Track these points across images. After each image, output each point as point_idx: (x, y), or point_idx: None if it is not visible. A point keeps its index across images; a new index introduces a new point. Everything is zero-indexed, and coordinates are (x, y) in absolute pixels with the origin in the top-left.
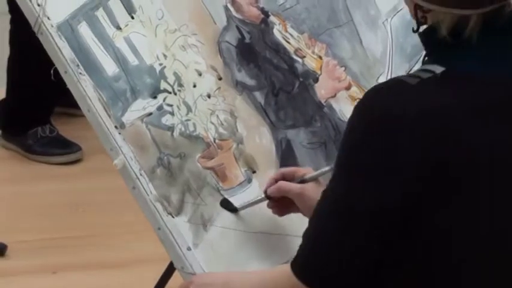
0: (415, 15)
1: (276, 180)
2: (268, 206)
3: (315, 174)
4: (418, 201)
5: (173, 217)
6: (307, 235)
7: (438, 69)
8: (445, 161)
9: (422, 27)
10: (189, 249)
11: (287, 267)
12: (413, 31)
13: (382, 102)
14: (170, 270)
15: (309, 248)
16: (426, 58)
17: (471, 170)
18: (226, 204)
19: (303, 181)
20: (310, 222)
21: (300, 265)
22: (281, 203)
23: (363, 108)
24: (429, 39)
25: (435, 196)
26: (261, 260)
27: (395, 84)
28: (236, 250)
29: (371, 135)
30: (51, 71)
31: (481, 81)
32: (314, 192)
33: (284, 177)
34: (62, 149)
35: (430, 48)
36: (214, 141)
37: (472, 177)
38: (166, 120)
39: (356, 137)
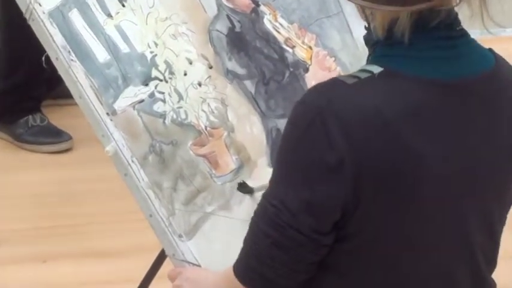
0: (363, 14)
1: None
2: None
3: None
4: (351, 197)
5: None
6: (246, 234)
7: (376, 69)
8: (374, 158)
9: None
10: (180, 236)
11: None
12: (366, 28)
13: (319, 100)
14: (161, 257)
15: (246, 248)
16: (370, 58)
17: (401, 166)
18: (243, 187)
19: None
20: (250, 222)
21: (238, 266)
22: None
23: (300, 106)
24: (367, 39)
25: (366, 192)
26: None
27: (333, 84)
28: (228, 237)
29: (307, 132)
30: (43, 58)
31: (416, 82)
32: None
33: None
34: (52, 138)
35: (369, 48)
36: (206, 129)
37: (402, 172)
38: (158, 107)
39: (294, 134)
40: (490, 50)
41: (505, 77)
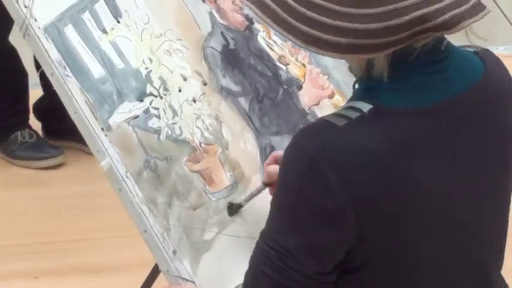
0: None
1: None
2: (270, 192)
3: None
4: (355, 239)
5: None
6: (246, 275)
7: (365, 107)
8: (375, 199)
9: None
10: (174, 252)
11: None
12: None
13: (313, 146)
14: (155, 273)
15: (246, 284)
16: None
17: (401, 203)
18: (231, 208)
19: None
20: (249, 261)
21: None
22: None
23: (294, 151)
24: (355, 78)
25: (370, 230)
26: (245, 264)
27: (325, 128)
28: (222, 254)
29: (304, 180)
30: (38, 73)
31: (405, 115)
32: None
33: (277, 161)
34: (44, 153)
35: (356, 85)
36: (200, 146)
37: (403, 209)
38: (153, 123)
39: (290, 180)
40: (481, 52)
41: (494, 85)
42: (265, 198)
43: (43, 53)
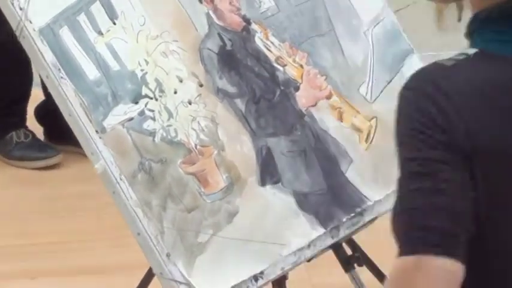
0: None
1: None
2: None
3: None
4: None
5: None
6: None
7: (471, 51)
8: (475, 133)
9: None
10: (168, 255)
11: None
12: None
13: (425, 84)
14: (149, 276)
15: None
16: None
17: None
18: None
19: None
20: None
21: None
22: None
23: (407, 92)
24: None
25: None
26: (239, 266)
27: (435, 67)
28: (217, 256)
29: (415, 109)
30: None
31: (509, 61)
32: None
33: None
34: (40, 153)
35: (466, 34)
36: (196, 147)
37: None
38: (148, 125)
39: (403, 114)
40: None
41: None
42: (259, 200)
43: (38, 55)
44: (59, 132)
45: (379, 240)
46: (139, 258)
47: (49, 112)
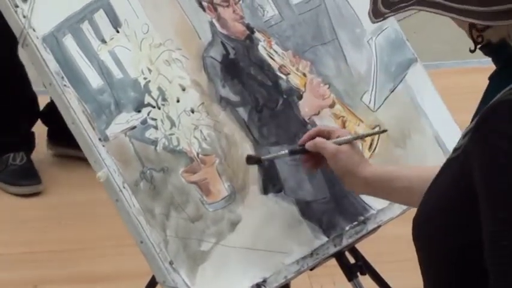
0: (470, 35)
1: (313, 137)
2: (303, 160)
3: (350, 138)
4: None
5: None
6: None
7: None
8: None
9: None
10: (171, 263)
11: None
12: (470, 51)
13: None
14: (152, 284)
15: None
16: (500, 72)
17: None
18: (250, 159)
19: (337, 142)
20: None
21: None
22: (314, 159)
23: (502, 141)
24: (500, 56)
25: None
26: (242, 274)
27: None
28: (220, 264)
29: None
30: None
31: None
32: (347, 155)
33: (319, 135)
34: (21, 180)
35: (503, 63)
36: (198, 156)
37: None
38: (150, 134)
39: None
40: None
41: None
42: (261, 208)
43: (41, 63)
44: (61, 134)
45: (382, 249)
46: (143, 266)
47: (53, 112)
